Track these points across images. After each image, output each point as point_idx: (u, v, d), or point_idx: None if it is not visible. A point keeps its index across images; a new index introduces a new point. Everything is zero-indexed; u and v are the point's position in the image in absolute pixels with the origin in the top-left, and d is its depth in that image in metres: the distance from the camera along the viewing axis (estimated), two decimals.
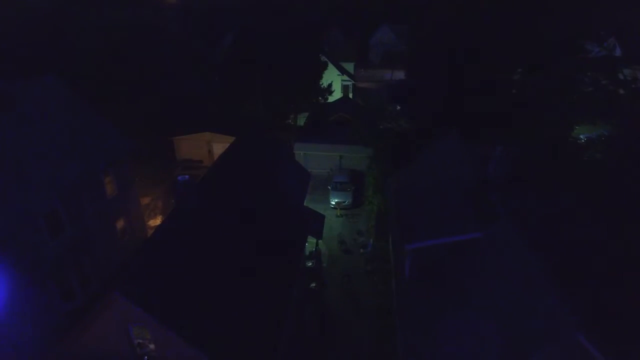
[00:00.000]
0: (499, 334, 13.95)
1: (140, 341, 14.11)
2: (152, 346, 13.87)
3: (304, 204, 27.07)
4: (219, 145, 38.12)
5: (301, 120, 47.91)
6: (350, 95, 61.84)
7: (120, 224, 25.83)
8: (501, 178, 21.68)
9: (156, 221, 31.20)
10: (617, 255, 15.58)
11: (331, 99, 51.62)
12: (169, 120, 39.72)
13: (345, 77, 61.94)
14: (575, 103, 29.80)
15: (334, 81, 55.29)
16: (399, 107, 43.32)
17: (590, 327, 11.94)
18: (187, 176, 17.46)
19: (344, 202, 33.42)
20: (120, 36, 37.64)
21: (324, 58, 53.42)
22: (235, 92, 43.04)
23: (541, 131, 33.76)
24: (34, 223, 18.75)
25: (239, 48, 44.76)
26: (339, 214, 33.07)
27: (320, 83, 47.66)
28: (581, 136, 41.51)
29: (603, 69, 28.88)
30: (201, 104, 43.30)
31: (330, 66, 56.32)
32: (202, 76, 47.84)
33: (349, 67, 65.50)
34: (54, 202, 20.00)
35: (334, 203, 33.38)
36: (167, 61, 43.39)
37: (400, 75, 72.01)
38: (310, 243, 26.18)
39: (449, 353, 15.11)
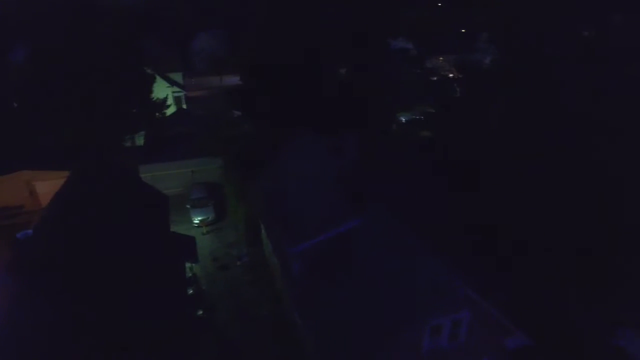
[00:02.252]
0: (389, 306, 15.34)
1: None
2: None
3: (170, 229, 25.09)
4: (45, 184, 32.45)
5: (140, 139, 43.99)
6: (184, 106, 59.28)
7: None
8: (350, 165, 23.63)
9: None
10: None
11: (167, 113, 48.65)
12: None
13: (176, 88, 59.13)
14: (397, 94, 34.57)
15: (167, 94, 52.30)
16: (238, 113, 43.11)
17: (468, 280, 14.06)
18: (29, 231, 14.43)
19: (207, 217, 32.09)
20: None
21: (149, 70, 49.90)
22: (40, 117, 36.88)
23: (372, 119, 37.88)
24: None
25: (40, 66, 38.37)
26: (204, 231, 31.59)
27: (152, 97, 44.47)
28: (402, 118, 48.00)
29: (414, 62, 33.93)
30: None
31: (159, 79, 53.00)
32: None
33: (177, 77, 62.64)
34: None
35: (197, 221, 31.72)
36: None
37: (230, 79, 71.72)
38: (187, 269, 24.48)
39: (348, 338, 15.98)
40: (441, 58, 73.95)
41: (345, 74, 43.42)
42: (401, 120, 48.06)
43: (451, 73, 60.27)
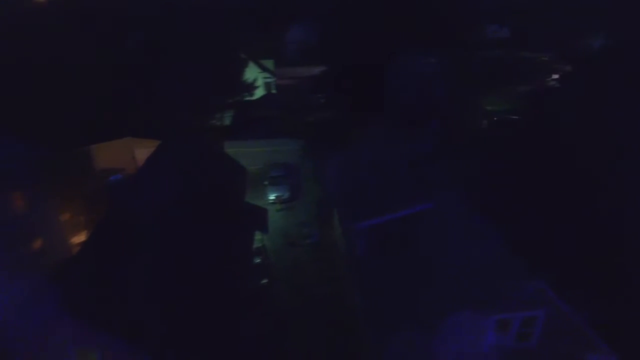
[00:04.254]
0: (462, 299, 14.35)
1: None
2: None
3: (246, 199, 26.07)
4: (144, 151, 35.46)
5: (227, 119, 46.42)
6: (273, 92, 61.34)
7: (37, 244, 22.97)
8: (429, 151, 22.55)
9: (81, 238, 28.20)
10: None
11: (256, 96, 50.80)
12: (71, 126, 35.94)
13: (266, 74, 61.35)
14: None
15: (257, 78, 54.56)
16: (323, 100, 43.67)
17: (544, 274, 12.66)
18: (119, 175, 15.86)
19: (283, 195, 32.84)
20: None
21: (243, 55, 52.36)
22: (149, 92, 40.32)
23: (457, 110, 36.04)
24: None
25: (151, 48, 42.04)
26: (279, 208, 32.40)
27: (244, 79, 46.62)
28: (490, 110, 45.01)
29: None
30: (109, 107, 39.82)
31: (252, 64, 55.51)
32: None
33: (269, 64, 64.85)
34: None
35: (272, 198, 32.64)
36: None
37: (319, 69, 72.72)
38: (257, 239, 25.29)
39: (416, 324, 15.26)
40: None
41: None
42: (490, 113, 45.22)
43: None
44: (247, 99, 49.27)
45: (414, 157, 21.47)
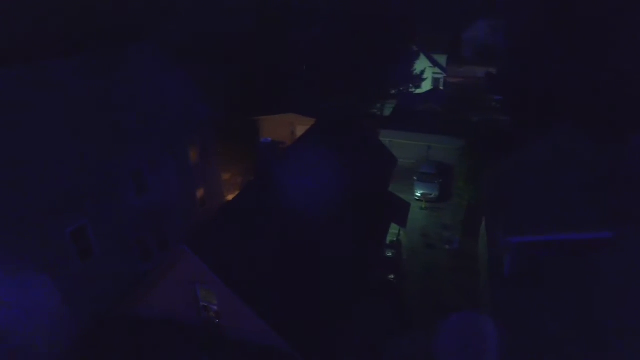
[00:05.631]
0: None
1: (207, 305, 13.21)
2: (215, 308, 12.88)
3: (389, 189, 25.07)
4: (302, 128, 37.21)
5: (388, 110, 45.86)
6: (441, 88, 58.55)
7: (200, 192, 25.81)
8: (620, 172, 18.24)
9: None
10: None
11: (421, 91, 49.10)
12: (250, 99, 39.75)
13: (437, 70, 58.69)
14: None
15: (425, 72, 52.62)
16: (497, 98, 39.61)
17: None
18: (269, 139, 16.44)
19: (430, 194, 30.81)
20: None
21: (415, 47, 50.94)
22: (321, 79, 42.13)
23: None
24: (124, 179, 19.00)
25: (331, 37, 43.75)
26: (423, 206, 30.55)
27: (412, 70, 45.31)
28: None
29: None
30: (284, 86, 42.86)
31: (422, 57, 53.72)
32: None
33: (441, 59, 61.99)
34: (142, 162, 20.18)
35: (419, 194, 30.89)
36: None
37: (493, 70, 66.99)
38: (392, 233, 24.16)
39: None
40: None
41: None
42: None
43: None
44: (413, 91, 47.88)
45: (603, 176, 17.55)
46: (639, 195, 15.79)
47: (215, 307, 13.05)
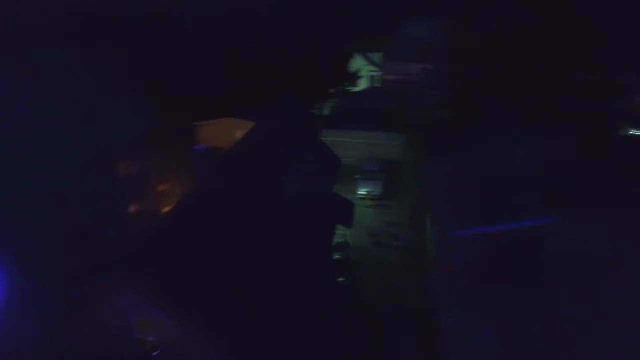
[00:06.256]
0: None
1: (143, 337, 11.92)
2: (152, 339, 11.66)
3: (333, 190, 24.63)
4: (242, 132, 36.02)
5: (327, 109, 45.68)
6: (378, 85, 59.49)
7: (133, 208, 23.99)
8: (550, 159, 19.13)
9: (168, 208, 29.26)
10: None
11: (358, 89, 49.50)
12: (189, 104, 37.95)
13: (373, 67, 59.74)
14: None
15: (362, 70, 53.34)
16: (434, 96, 40.63)
17: None
18: (205, 146, 15.37)
19: (374, 191, 30.76)
20: None
21: (348, 46, 51.40)
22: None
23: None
24: (43, 198, 17.13)
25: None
26: (368, 204, 30.46)
27: (347, 71, 45.62)
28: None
29: None
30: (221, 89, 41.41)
31: (357, 55, 54.42)
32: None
33: (377, 57, 63.09)
34: (65, 177, 18.35)
35: (363, 193, 30.76)
36: None
37: (430, 67, 69.25)
38: (338, 234, 23.74)
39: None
40: None
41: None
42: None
43: None
44: (349, 89, 48.12)
45: (540, 163, 18.16)
46: (574, 179, 16.46)
47: (153, 339, 11.77)
